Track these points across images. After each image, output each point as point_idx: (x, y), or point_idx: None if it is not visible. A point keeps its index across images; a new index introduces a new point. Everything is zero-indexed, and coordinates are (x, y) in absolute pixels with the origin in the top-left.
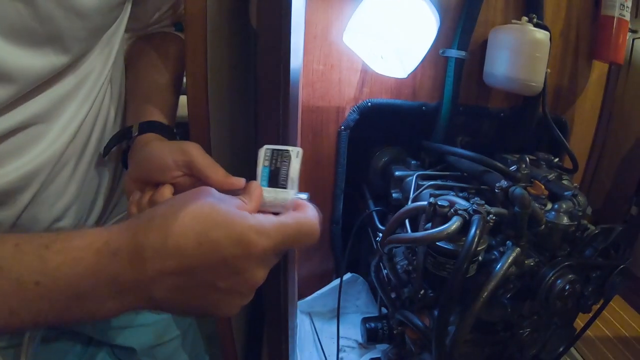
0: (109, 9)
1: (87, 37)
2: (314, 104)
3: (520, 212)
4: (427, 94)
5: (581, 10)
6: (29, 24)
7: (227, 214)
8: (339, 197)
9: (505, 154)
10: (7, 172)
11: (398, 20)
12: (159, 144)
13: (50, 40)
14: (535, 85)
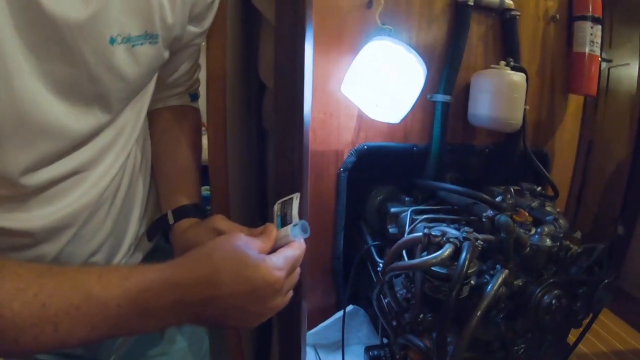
0: (148, 73)
1: (127, 96)
2: (315, 149)
3: (506, 237)
4: (417, 136)
5: (555, 49)
6: (81, 85)
7: (254, 258)
8: (340, 234)
9: (492, 187)
10: (54, 211)
11: (390, 72)
12: (194, 232)
13: (98, 100)
14: (515, 123)
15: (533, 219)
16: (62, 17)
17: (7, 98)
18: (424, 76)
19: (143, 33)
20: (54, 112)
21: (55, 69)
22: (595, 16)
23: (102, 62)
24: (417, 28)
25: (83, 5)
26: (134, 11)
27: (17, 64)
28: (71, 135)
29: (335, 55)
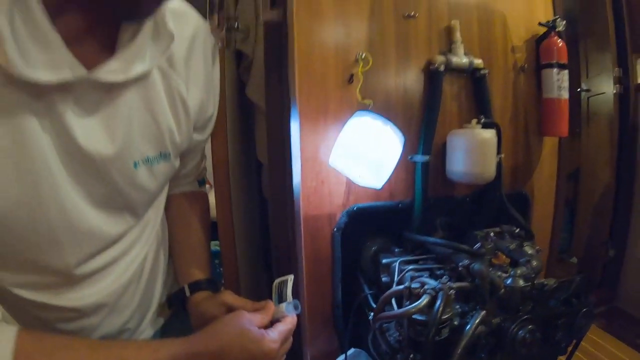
0: (165, 182)
1: (149, 203)
2: (310, 213)
3: (481, 283)
4: (402, 193)
5: (526, 96)
6: (114, 200)
7: (255, 334)
8: (337, 285)
9: (476, 230)
10: (96, 292)
11: (370, 145)
12: (207, 304)
13: (127, 209)
14: (488, 175)
15: (510, 260)
16: (96, 152)
17: (60, 213)
18: (401, 146)
19: (158, 154)
20: (95, 221)
21: (94, 190)
22: (561, 62)
23: (128, 182)
24: (395, 96)
25: (110, 143)
26: (150, 138)
27: (65, 187)
28: (108, 237)
29: (322, 128)
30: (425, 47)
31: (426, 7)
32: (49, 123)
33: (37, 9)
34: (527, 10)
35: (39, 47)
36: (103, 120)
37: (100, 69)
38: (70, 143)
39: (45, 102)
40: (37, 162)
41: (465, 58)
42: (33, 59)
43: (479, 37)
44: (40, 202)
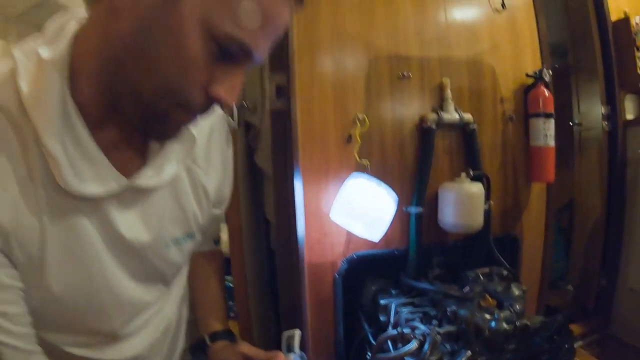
0: (190, 255)
1: (178, 273)
2: (314, 261)
3: (466, 327)
4: (397, 241)
5: (514, 144)
6: (150, 274)
7: None
8: (339, 324)
9: (467, 270)
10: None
11: (367, 204)
12: (225, 352)
13: (160, 280)
14: (477, 226)
15: (497, 302)
16: (135, 240)
17: (107, 289)
18: (395, 205)
19: (185, 235)
20: (135, 292)
21: (134, 268)
22: (547, 112)
23: (162, 260)
24: (391, 153)
25: (147, 231)
26: (178, 223)
27: (111, 269)
28: (146, 302)
29: (323, 185)
30: (419, 104)
31: (419, 66)
32: (96, 220)
33: (82, 131)
34: (516, 61)
35: (87, 164)
36: (140, 214)
37: (137, 177)
38: (114, 234)
39: (94, 204)
40: (89, 252)
41: (456, 114)
42: (84, 175)
43: (469, 91)
44: (92, 283)
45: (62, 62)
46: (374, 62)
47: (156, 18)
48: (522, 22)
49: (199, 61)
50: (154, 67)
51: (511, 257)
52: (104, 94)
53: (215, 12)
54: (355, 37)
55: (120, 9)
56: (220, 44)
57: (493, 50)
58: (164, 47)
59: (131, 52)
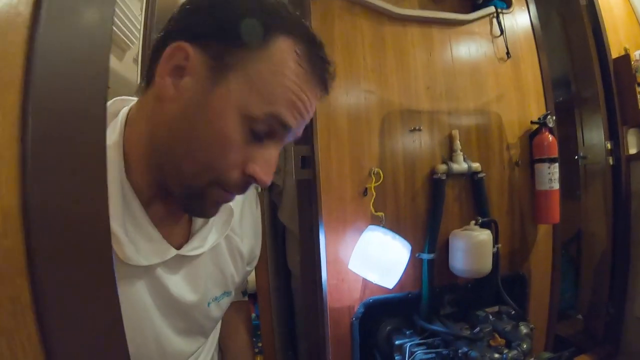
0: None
1: (215, 326)
2: (332, 306)
3: None
4: (410, 284)
5: (521, 188)
6: (192, 329)
7: None
8: None
9: (477, 310)
10: None
11: (382, 255)
12: None
13: (200, 333)
14: (486, 270)
15: (506, 341)
16: (183, 300)
17: (156, 344)
18: (408, 254)
19: (223, 293)
20: (179, 346)
21: (179, 324)
22: (552, 157)
23: (204, 316)
24: (404, 203)
25: (193, 293)
26: (218, 284)
27: (160, 325)
28: (188, 353)
29: (342, 236)
30: (429, 155)
31: (429, 119)
32: (149, 282)
33: (138, 209)
34: (521, 107)
35: (144, 239)
36: (186, 277)
37: (185, 248)
38: (165, 295)
39: (147, 269)
40: (141, 310)
41: (465, 164)
42: (142, 250)
43: (477, 140)
44: (144, 338)
45: (119, 147)
46: (387, 118)
47: (196, 105)
48: (525, 68)
49: (235, 143)
50: (194, 148)
51: (520, 294)
52: (152, 173)
53: (250, 96)
54: (370, 97)
55: (165, 98)
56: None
57: (499, 99)
58: (204, 131)
59: (175, 136)
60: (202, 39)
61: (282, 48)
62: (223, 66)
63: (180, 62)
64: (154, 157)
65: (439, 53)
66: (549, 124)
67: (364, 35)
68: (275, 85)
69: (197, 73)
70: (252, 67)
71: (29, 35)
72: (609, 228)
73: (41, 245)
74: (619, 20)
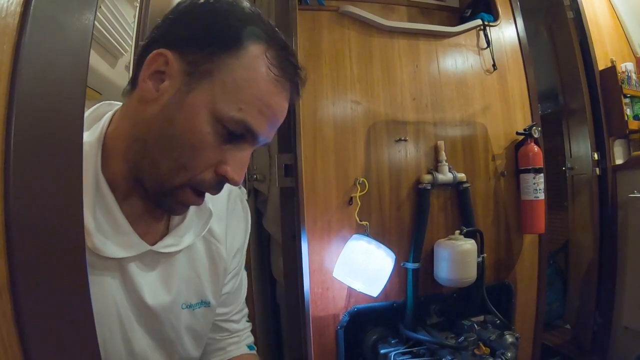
0: (206, 324)
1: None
2: (317, 315)
3: None
4: (396, 294)
5: (506, 198)
6: (164, 333)
7: None
8: None
9: (463, 319)
10: None
11: (366, 264)
12: None
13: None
14: (470, 279)
15: (490, 350)
16: (156, 302)
17: (123, 340)
18: (392, 263)
19: (200, 301)
20: (152, 352)
21: (150, 326)
22: (537, 167)
23: (175, 320)
24: (388, 212)
25: (165, 294)
26: (194, 289)
27: (131, 326)
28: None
29: (326, 244)
30: (415, 166)
31: (415, 130)
32: (120, 278)
33: (111, 202)
34: (506, 118)
35: (114, 232)
36: (161, 278)
37: (159, 244)
38: (135, 293)
39: (118, 264)
40: (111, 304)
41: (450, 174)
42: (111, 241)
43: (463, 150)
44: (111, 333)
45: (98, 143)
46: (372, 129)
47: (173, 107)
48: (512, 80)
49: (208, 143)
50: (170, 146)
51: (505, 304)
52: (130, 169)
53: (222, 101)
54: (357, 107)
55: (146, 100)
56: (227, 127)
57: (485, 110)
58: (179, 131)
59: (154, 134)
60: (181, 46)
61: (254, 54)
62: (198, 72)
63: (160, 67)
64: (132, 154)
65: (426, 64)
66: (535, 135)
67: (352, 46)
68: (245, 92)
69: (175, 77)
70: (225, 73)
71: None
72: (596, 238)
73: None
74: (605, 33)
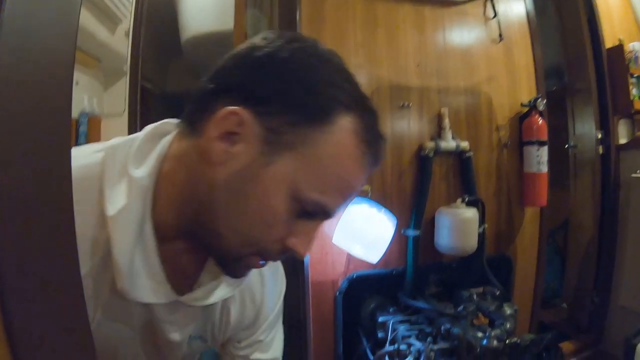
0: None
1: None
2: (316, 280)
3: (458, 344)
4: (395, 261)
5: (509, 170)
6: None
7: None
8: (339, 339)
9: (462, 289)
10: None
11: (367, 228)
12: None
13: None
14: (471, 248)
15: (489, 321)
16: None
17: None
18: (393, 228)
19: (199, 336)
20: None
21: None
22: (541, 140)
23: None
24: (390, 179)
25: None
26: (199, 327)
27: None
28: None
29: None
30: (418, 132)
31: (418, 97)
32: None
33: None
34: (511, 90)
35: (148, 277)
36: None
37: (187, 297)
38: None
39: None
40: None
41: (453, 142)
42: (141, 286)
43: (466, 120)
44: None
45: (150, 183)
46: (376, 93)
47: (245, 178)
48: (518, 52)
49: (282, 220)
50: (237, 220)
51: (504, 277)
52: (182, 221)
53: (304, 180)
54: (359, 70)
55: (212, 160)
56: (304, 207)
57: (490, 80)
58: (253, 204)
59: (218, 201)
60: (261, 106)
61: (344, 128)
62: (280, 142)
63: (233, 128)
64: (188, 210)
65: (431, 32)
66: (539, 108)
67: (356, 11)
68: (329, 172)
69: (251, 143)
70: (311, 148)
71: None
72: (597, 217)
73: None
74: (614, 12)
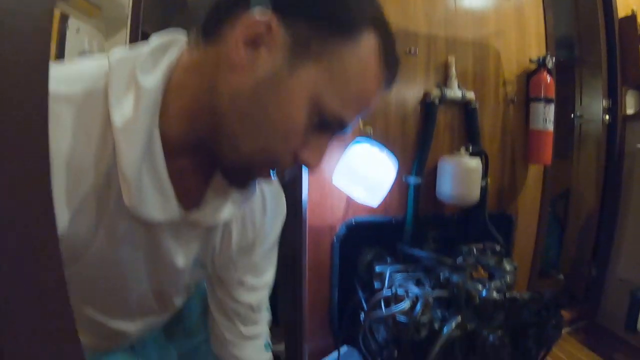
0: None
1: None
2: (313, 224)
3: (457, 292)
4: (395, 209)
5: (514, 126)
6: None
7: None
8: (335, 288)
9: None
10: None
11: (368, 169)
12: None
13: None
14: (473, 198)
15: (489, 275)
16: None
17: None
18: (395, 171)
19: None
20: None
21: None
22: (548, 97)
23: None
24: (394, 124)
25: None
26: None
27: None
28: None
29: None
30: (424, 80)
31: (425, 43)
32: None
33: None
34: (520, 47)
35: (156, 193)
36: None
37: (195, 213)
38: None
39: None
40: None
41: (459, 91)
42: (150, 203)
43: (473, 72)
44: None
45: (158, 93)
46: None
47: (268, 86)
48: (529, 12)
49: (300, 130)
50: (257, 128)
51: (505, 236)
52: (192, 131)
53: (328, 91)
54: None
55: (236, 66)
56: (324, 118)
57: (499, 35)
58: (274, 112)
59: (237, 109)
60: (290, 14)
61: (369, 45)
62: (306, 52)
63: (260, 34)
64: (200, 119)
65: None
66: (548, 65)
67: None
68: (353, 87)
69: (277, 51)
70: (337, 60)
71: None
72: (599, 188)
73: None
74: None
